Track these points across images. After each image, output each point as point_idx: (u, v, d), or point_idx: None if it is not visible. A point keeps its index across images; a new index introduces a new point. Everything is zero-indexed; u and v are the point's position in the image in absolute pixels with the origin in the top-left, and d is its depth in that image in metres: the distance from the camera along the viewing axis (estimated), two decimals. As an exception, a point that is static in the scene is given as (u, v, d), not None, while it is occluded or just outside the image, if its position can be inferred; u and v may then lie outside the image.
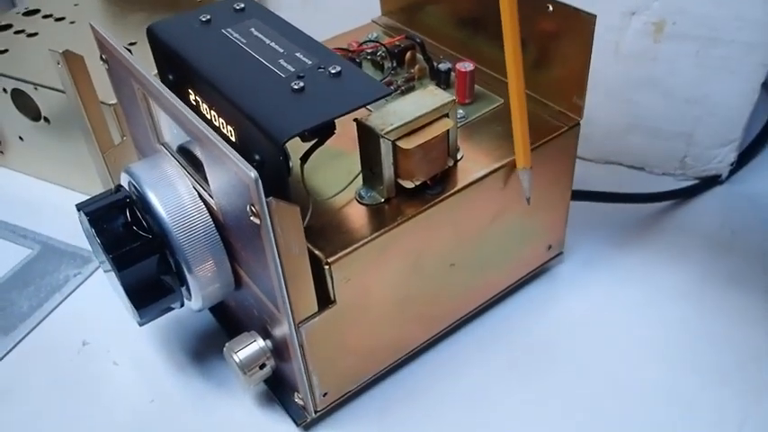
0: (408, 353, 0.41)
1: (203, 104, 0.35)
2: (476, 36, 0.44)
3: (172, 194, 0.34)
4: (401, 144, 0.33)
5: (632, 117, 0.52)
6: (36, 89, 0.50)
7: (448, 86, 0.42)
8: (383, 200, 0.35)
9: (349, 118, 0.32)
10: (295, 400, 0.37)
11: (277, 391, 0.40)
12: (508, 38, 0.34)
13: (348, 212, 0.35)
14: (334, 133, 0.32)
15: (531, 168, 0.37)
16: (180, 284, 0.36)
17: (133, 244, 0.34)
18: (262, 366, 0.36)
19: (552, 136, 0.39)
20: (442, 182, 0.36)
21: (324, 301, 0.34)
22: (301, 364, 0.34)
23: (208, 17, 0.37)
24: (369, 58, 0.44)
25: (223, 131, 0.34)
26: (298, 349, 0.34)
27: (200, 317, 0.44)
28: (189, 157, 0.36)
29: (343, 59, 0.34)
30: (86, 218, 0.35)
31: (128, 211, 0.35)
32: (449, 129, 0.35)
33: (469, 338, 0.43)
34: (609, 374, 0.40)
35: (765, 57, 0.46)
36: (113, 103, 0.45)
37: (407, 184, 0.35)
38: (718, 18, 0.46)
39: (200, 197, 0.35)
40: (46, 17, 0.58)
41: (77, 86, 0.42)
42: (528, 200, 0.38)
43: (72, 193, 0.55)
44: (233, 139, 0.33)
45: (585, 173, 0.52)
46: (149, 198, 0.34)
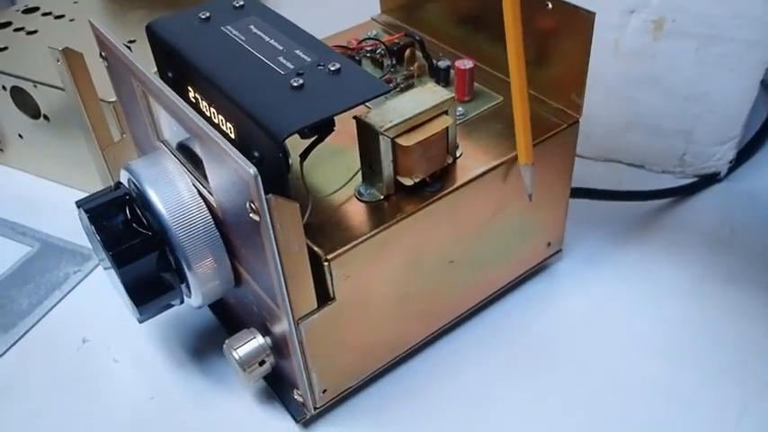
0: (407, 350, 0.41)
1: (203, 102, 0.35)
2: (475, 34, 0.44)
3: (171, 191, 0.34)
4: (400, 141, 0.33)
5: (632, 115, 0.52)
6: (35, 87, 0.50)
7: (447, 84, 0.42)
8: (382, 197, 0.35)
9: (348, 115, 0.32)
10: (294, 396, 0.38)
11: (276, 387, 0.40)
12: (510, 34, 0.34)
13: (347, 209, 0.35)
14: (333, 130, 0.32)
15: (533, 165, 0.37)
16: (180, 281, 0.36)
17: (133, 241, 0.35)
18: (261, 363, 0.36)
19: (551, 133, 0.39)
20: (441, 179, 0.36)
21: (323, 298, 0.34)
22: (301, 360, 0.34)
23: (207, 14, 0.37)
24: (368, 55, 0.44)
25: (222, 129, 0.34)
26: (297, 346, 0.34)
27: (199, 314, 0.44)
28: (188, 155, 0.36)
29: (343, 57, 0.34)
30: (86, 215, 0.35)
31: (127, 209, 0.35)
32: (448, 126, 0.35)
33: (469, 336, 0.43)
34: (608, 372, 0.40)
35: (764, 54, 0.46)
36: (113, 100, 0.45)
37: (407, 181, 0.35)
38: (717, 16, 0.46)
39: (200, 194, 0.35)
40: (45, 15, 0.58)
41: (77, 84, 0.42)
42: (530, 196, 0.38)
43: (72, 191, 0.55)
44: (232, 136, 0.33)
45: (585, 170, 0.52)
46: (149, 195, 0.34)
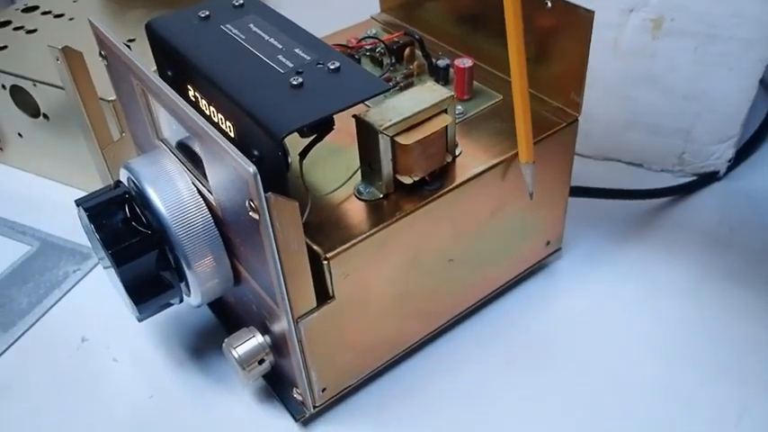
0: (407, 348, 0.41)
1: (202, 100, 0.35)
2: (474, 33, 0.44)
3: (171, 190, 0.34)
4: (400, 140, 0.33)
5: (631, 114, 0.52)
6: (35, 85, 0.50)
7: (447, 83, 0.42)
8: (382, 195, 0.35)
9: (348, 114, 0.32)
10: (294, 395, 0.38)
11: (276, 386, 0.40)
12: (511, 33, 0.34)
13: (347, 208, 0.35)
14: (332, 129, 0.32)
15: (534, 163, 0.37)
16: (179, 280, 0.36)
17: (132, 239, 0.35)
18: (261, 362, 0.36)
19: (550, 132, 0.39)
20: (440, 177, 0.36)
21: (322, 297, 0.34)
22: (300, 359, 0.34)
23: (207, 13, 0.37)
24: (368, 54, 0.44)
25: (222, 127, 0.34)
26: (296, 345, 0.34)
27: (198, 313, 0.44)
28: (188, 153, 0.36)
29: (342, 55, 0.34)
30: (86, 213, 0.35)
31: (127, 207, 0.35)
32: (447, 125, 0.35)
33: (468, 334, 0.43)
34: (608, 370, 0.40)
35: (763, 53, 0.46)
36: (112, 99, 0.45)
37: (406, 179, 0.35)
38: (716, 14, 0.46)
39: (200, 193, 0.35)
40: (45, 14, 0.58)
41: (76, 83, 0.42)
42: (531, 195, 0.38)
43: (71, 190, 0.55)
44: (232, 134, 0.33)
45: (584, 169, 0.52)
46: (148, 194, 0.34)
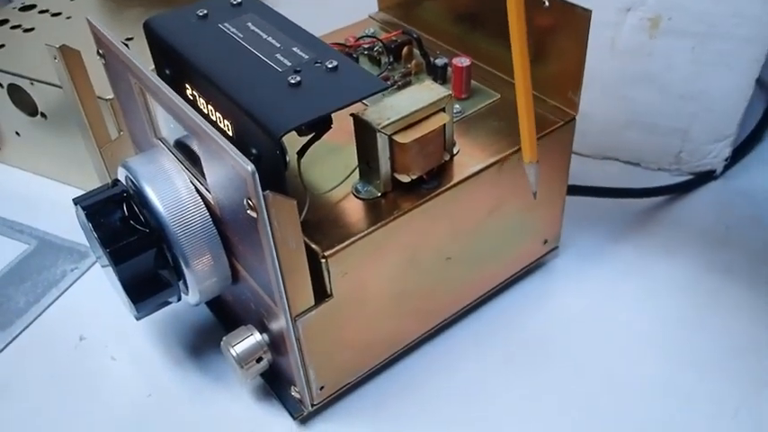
0: (404, 347, 0.41)
1: (200, 99, 0.35)
2: (472, 32, 0.44)
3: (169, 188, 0.34)
4: (397, 138, 0.33)
5: (628, 113, 0.52)
6: (32, 84, 0.50)
7: (444, 82, 0.42)
8: (380, 194, 0.35)
9: (346, 112, 0.32)
10: (292, 393, 0.38)
11: (274, 384, 0.40)
12: (514, 32, 0.34)
13: (345, 207, 0.35)
14: (330, 127, 0.32)
15: (537, 162, 0.37)
16: (177, 279, 0.36)
17: (130, 238, 0.35)
18: (259, 360, 0.36)
19: (548, 131, 0.39)
20: (438, 176, 0.36)
21: (320, 295, 0.34)
22: (298, 357, 0.34)
23: (205, 12, 0.37)
24: (366, 53, 0.44)
25: (220, 126, 0.34)
26: (294, 343, 0.34)
27: (197, 311, 0.44)
28: (186, 152, 0.36)
29: (340, 54, 0.34)
30: (83, 212, 0.35)
31: (125, 206, 0.35)
32: (445, 123, 0.35)
33: (465, 333, 0.43)
34: (605, 368, 0.40)
35: (760, 52, 0.46)
36: (110, 98, 0.45)
37: (404, 178, 0.35)
38: (713, 14, 0.46)
39: (198, 191, 0.35)
40: (42, 12, 0.58)
41: (74, 81, 0.42)
42: (535, 194, 0.37)
43: (69, 189, 0.55)
44: (230, 133, 0.33)
45: (581, 168, 0.53)
46: (146, 192, 0.34)
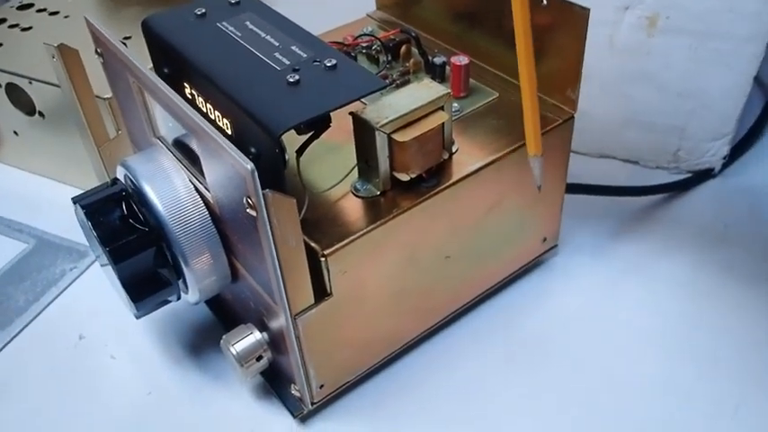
0: (404, 345, 0.41)
1: (199, 98, 0.35)
2: (471, 30, 0.44)
3: (168, 187, 0.34)
4: (396, 137, 0.33)
5: (626, 111, 0.52)
6: (30, 83, 0.50)
7: (443, 80, 0.42)
8: (379, 192, 0.35)
9: (344, 111, 0.32)
10: (292, 392, 0.38)
11: (274, 383, 0.40)
12: (519, 22, 0.34)
13: (344, 205, 0.35)
14: (329, 126, 0.32)
15: (542, 156, 0.36)
16: (177, 277, 0.36)
17: (129, 237, 0.35)
18: (258, 358, 0.37)
19: (547, 129, 0.39)
20: (437, 175, 0.36)
21: (320, 294, 0.34)
22: (298, 355, 0.34)
23: (203, 11, 0.37)
24: (364, 52, 0.44)
25: (219, 125, 0.34)
26: (294, 341, 0.34)
27: (196, 310, 0.44)
28: (185, 151, 0.36)
29: (339, 53, 0.34)
30: (83, 211, 0.35)
31: (124, 204, 0.35)
32: (444, 122, 0.35)
33: (464, 331, 0.43)
34: (604, 366, 0.40)
35: (758, 50, 0.46)
36: (108, 97, 0.45)
37: (403, 176, 0.35)
38: (711, 12, 0.46)
39: (197, 190, 0.35)
40: (40, 11, 0.58)
41: (72, 80, 0.42)
42: (539, 188, 0.37)
43: (67, 188, 0.54)
44: (229, 132, 0.33)
45: (580, 166, 0.52)
46: (145, 191, 0.34)
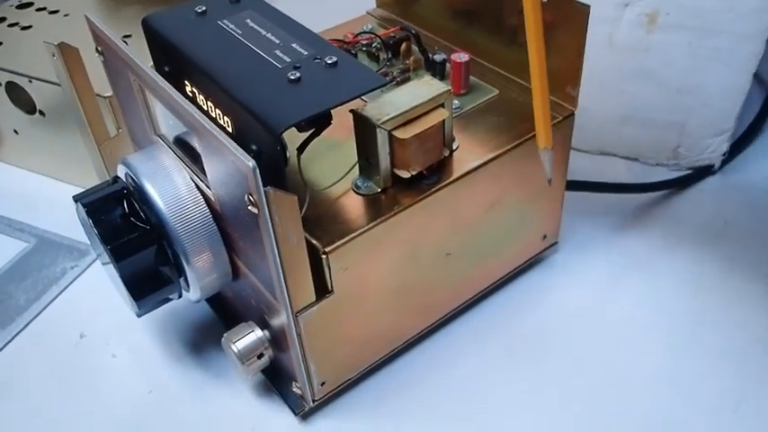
0: (405, 343, 0.41)
1: (199, 96, 0.35)
2: (470, 27, 0.44)
3: (169, 185, 0.34)
4: (397, 134, 0.33)
5: (626, 108, 0.52)
6: (30, 82, 0.50)
7: (443, 77, 0.42)
8: (379, 190, 0.35)
9: (345, 109, 0.32)
10: (293, 389, 0.38)
11: (275, 381, 0.40)
12: (530, 17, 0.34)
13: (345, 202, 0.35)
14: (330, 123, 0.32)
15: (552, 149, 0.36)
16: (178, 275, 0.36)
17: (131, 235, 0.35)
18: (260, 356, 0.37)
19: (547, 126, 0.39)
20: (437, 172, 0.36)
21: (321, 291, 0.34)
22: (299, 353, 0.34)
23: (203, 8, 0.37)
24: (364, 49, 0.44)
25: (220, 123, 0.34)
26: (296, 339, 0.34)
27: (197, 308, 0.44)
28: (186, 149, 0.36)
29: (340, 50, 0.34)
30: (84, 209, 0.35)
31: (125, 203, 0.35)
32: (444, 119, 0.35)
33: (465, 328, 0.43)
34: (605, 362, 0.40)
35: (758, 47, 0.46)
36: (109, 95, 0.45)
37: (404, 173, 0.35)
38: (711, 9, 0.46)
39: (198, 188, 0.35)
40: (40, 10, 0.58)
41: (73, 79, 0.42)
42: (549, 181, 0.37)
43: (68, 187, 0.54)
44: (230, 129, 0.33)
45: (580, 163, 0.53)
46: (146, 189, 0.34)
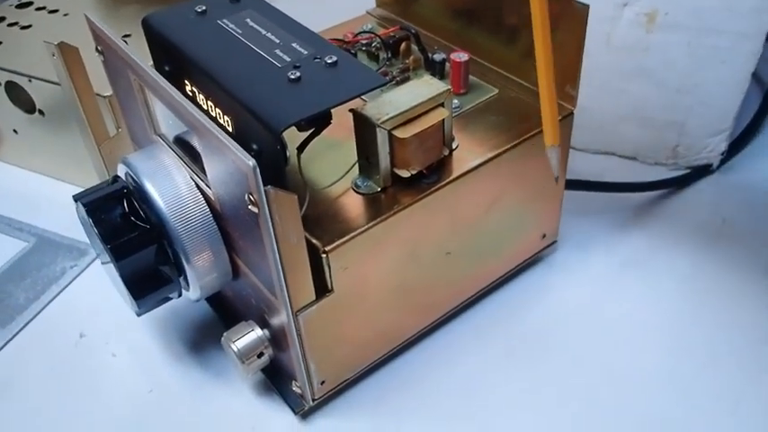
0: (404, 341, 0.41)
1: (200, 95, 0.35)
2: (470, 27, 0.44)
3: (169, 184, 0.34)
4: (397, 133, 0.33)
5: (625, 107, 0.52)
6: (30, 81, 0.50)
7: (443, 77, 0.42)
8: (379, 189, 0.35)
9: (345, 108, 0.32)
10: (293, 388, 0.38)
11: (275, 380, 0.40)
12: (536, 14, 0.34)
13: (345, 202, 0.35)
14: (330, 123, 0.32)
15: (559, 146, 0.36)
16: (178, 274, 0.36)
17: (131, 234, 0.35)
18: (260, 355, 0.37)
19: (546, 125, 0.39)
20: (437, 171, 0.36)
21: (321, 290, 0.34)
22: (299, 352, 0.35)
23: (203, 8, 0.37)
24: (364, 49, 0.44)
25: (220, 122, 0.34)
26: (296, 338, 0.34)
27: (197, 307, 0.44)
28: (186, 148, 0.36)
29: (340, 50, 0.34)
30: (84, 208, 0.35)
31: (125, 202, 0.35)
32: (444, 118, 0.35)
33: (465, 327, 0.43)
34: (604, 361, 0.41)
35: (756, 46, 0.47)
36: (109, 94, 0.45)
37: (403, 173, 0.35)
38: (709, 8, 0.46)
39: (198, 187, 0.35)
40: (39, 9, 0.58)
41: (72, 78, 0.42)
42: (557, 179, 0.37)
43: (67, 186, 0.54)
44: (230, 129, 0.34)
45: (579, 162, 0.53)
46: (147, 188, 0.34)
